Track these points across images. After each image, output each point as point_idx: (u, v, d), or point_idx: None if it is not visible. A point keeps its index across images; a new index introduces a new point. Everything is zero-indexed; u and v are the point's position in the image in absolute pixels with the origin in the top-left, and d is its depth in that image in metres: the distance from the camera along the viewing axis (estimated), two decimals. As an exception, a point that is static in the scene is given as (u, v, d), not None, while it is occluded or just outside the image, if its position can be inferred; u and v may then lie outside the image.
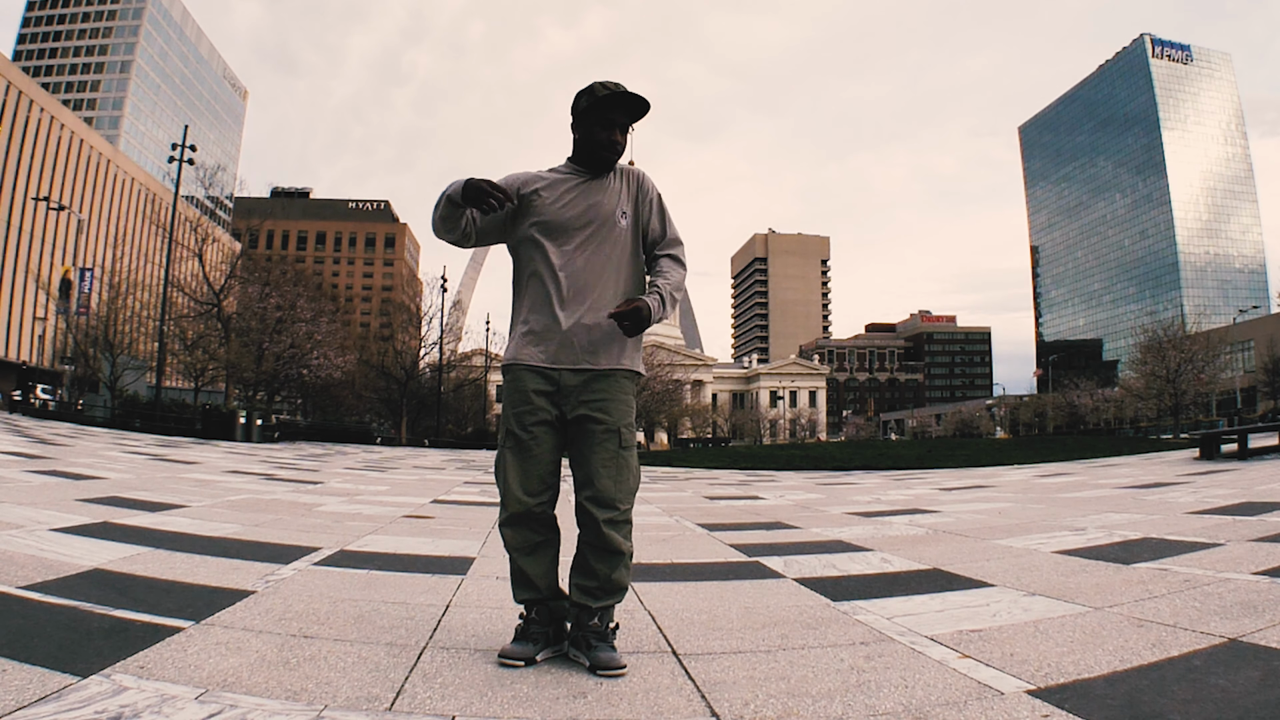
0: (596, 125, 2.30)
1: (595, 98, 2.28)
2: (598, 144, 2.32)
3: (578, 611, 2.28)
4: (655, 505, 8.24)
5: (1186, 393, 38.83)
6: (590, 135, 2.32)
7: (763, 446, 47.83)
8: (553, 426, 2.29)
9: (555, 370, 2.29)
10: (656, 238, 2.40)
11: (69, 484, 6.55)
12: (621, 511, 2.24)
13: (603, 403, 2.27)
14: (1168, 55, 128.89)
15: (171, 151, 29.43)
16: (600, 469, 2.24)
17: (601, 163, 2.34)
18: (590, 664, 2.19)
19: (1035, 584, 3.33)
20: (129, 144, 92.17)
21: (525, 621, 2.30)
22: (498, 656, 2.25)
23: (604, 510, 2.22)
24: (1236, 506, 5.81)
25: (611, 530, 2.22)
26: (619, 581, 2.26)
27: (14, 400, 33.25)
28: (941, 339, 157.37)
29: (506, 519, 2.29)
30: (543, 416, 2.28)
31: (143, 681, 1.89)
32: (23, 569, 3.00)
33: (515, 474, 2.26)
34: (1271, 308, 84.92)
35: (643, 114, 2.32)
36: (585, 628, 2.24)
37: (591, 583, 2.25)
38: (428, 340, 46.80)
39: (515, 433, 2.29)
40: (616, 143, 2.32)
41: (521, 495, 2.25)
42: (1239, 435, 12.12)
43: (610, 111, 2.29)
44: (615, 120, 2.30)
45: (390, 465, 15.99)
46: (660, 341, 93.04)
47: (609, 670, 2.14)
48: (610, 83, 2.31)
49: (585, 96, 2.31)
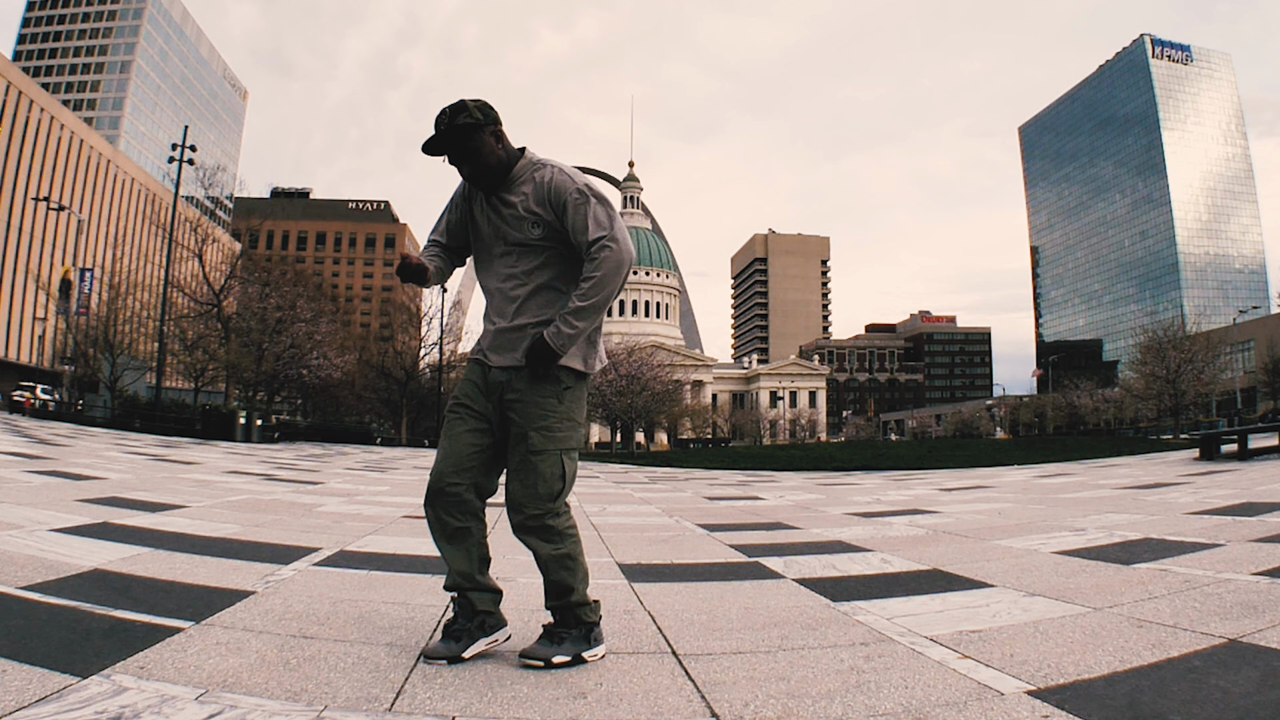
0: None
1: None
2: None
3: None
4: (655, 506, 8.24)
5: (1186, 393, 38.78)
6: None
7: (762, 447, 47.84)
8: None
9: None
10: (579, 240, 2.47)
11: (69, 484, 6.55)
12: (531, 516, 2.24)
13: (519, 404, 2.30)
14: (1168, 55, 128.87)
15: (171, 151, 29.44)
16: (511, 474, 2.29)
17: (481, 189, 2.33)
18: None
19: (1035, 584, 3.33)
20: (129, 144, 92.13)
21: (452, 616, 2.31)
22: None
23: (513, 513, 2.28)
24: (1236, 507, 5.81)
25: (522, 535, 2.28)
26: (562, 583, 2.27)
27: (14, 401, 33.23)
28: (941, 339, 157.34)
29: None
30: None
31: (143, 682, 1.89)
32: (23, 569, 3.00)
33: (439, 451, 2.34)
34: (1271, 308, 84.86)
35: (440, 151, 2.24)
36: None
37: (546, 586, 2.31)
38: (428, 340, 46.85)
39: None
40: (465, 174, 2.30)
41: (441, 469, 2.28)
42: (1239, 436, 12.12)
43: (433, 151, 2.26)
44: (445, 154, 2.26)
45: (390, 465, 15.99)
46: (660, 342, 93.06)
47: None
48: (439, 117, 2.22)
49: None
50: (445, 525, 2.27)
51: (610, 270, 2.18)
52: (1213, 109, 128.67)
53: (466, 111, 2.20)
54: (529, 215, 2.26)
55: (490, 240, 2.35)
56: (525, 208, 2.26)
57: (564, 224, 2.25)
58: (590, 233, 2.20)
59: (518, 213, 2.27)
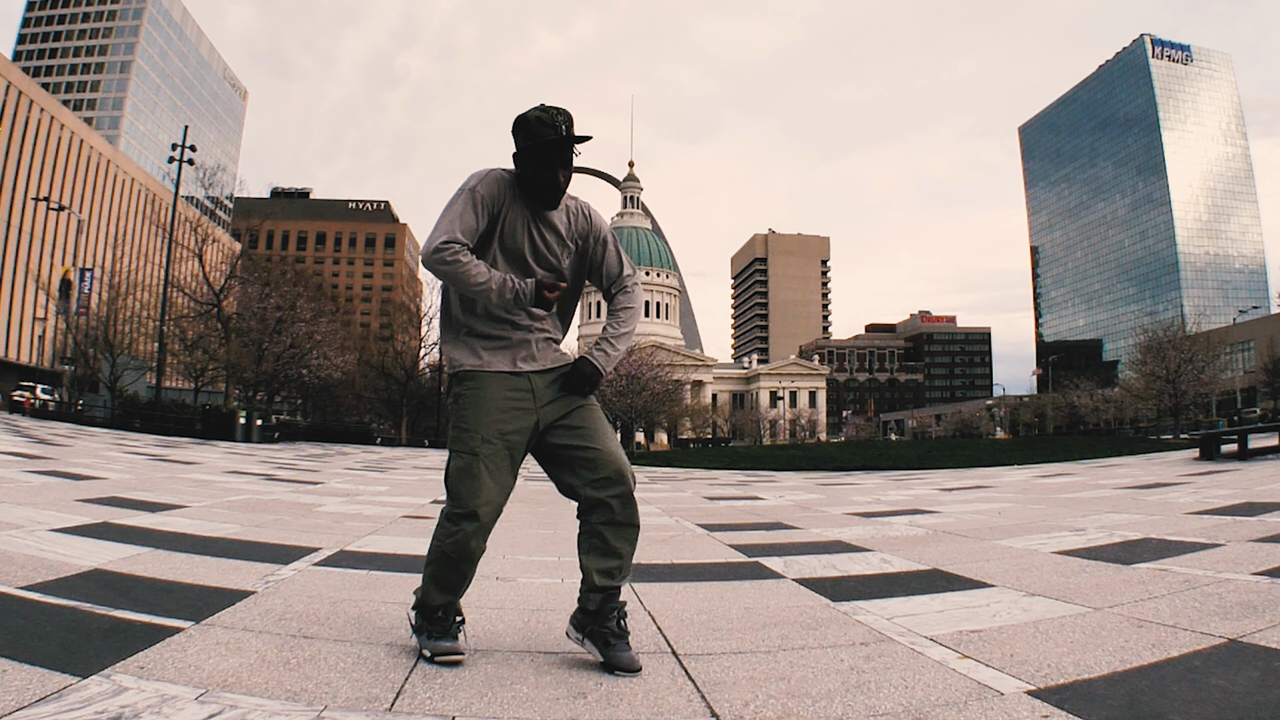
0: (541, 166, 2.15)
1: (536, 140, 2.11)
2: (542, 185, 2.19)
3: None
4: (655, 505, 8.24)
5: (1186, 393, 38.80)
6: (535, 175, 2.17)
7: (762, 447, 47.82)
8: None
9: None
10: (614, 275, 2.40)
11: (69, 484, 6.55)
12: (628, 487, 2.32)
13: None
14: (1168, 55, 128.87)
15: (171, 152, 29.44)
16: (600, 443, 2.35)
17: (544, 205, 2.24)
18: (606, 662, 2.18)
19: (1035, 584, 3.33)
20: (129, 144, 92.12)
21: (444, 619, 2.26)
22: (434, 656, 2.20)
23: (620, 485, 2.35)
24: (1236, 507, 5.81)
25: (628, 511, 2.34)
26: (627, 561, 2.33)
27: (14, 401, 33.23)
28: (941, 339, 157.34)
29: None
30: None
31: (143, 682, 1.89)
32: (23, 569, 3.00)
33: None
34: (1271, 308, 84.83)
35: (567, 151, 2.17)
36: (605, 624, 2.21)
37: (615, 566, 2.28)
38: (428, 340, 46.91)
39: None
40: (559, 184, 2.19)
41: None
42: (1239, 436, 12.12)
43: (554, 153, 2.14)
44: (558, 160, 2.15)
45: (390, 465, 15.99)
46: (660, 342, 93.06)
47: (628, 671, 2.14)
48: (552, 118, 2.12)
49: (523, 132, 2.13)
50: (475, 553, 2.23)
51: (640, 304, 2.42)
52: (1213, 109, 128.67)
53: (573, 124, 2.16)
54: (571, 243, 2.34)
55: (521, 259, 2.26)
56: (568, 234, 2.33)
57: (589, 258, 2.39)
58: (624, 269, 2.41)
59: (560, 237, 2.31)
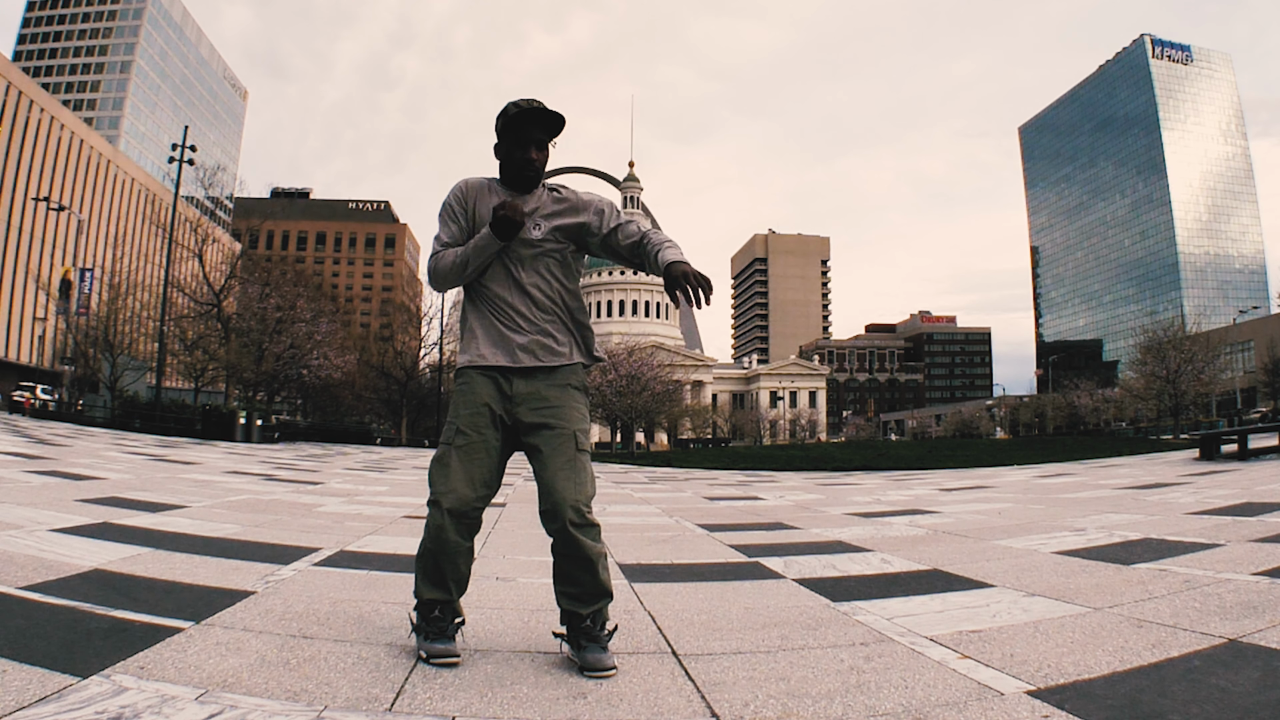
0: (514, 145, 2.33)
1: (508, 116, 2.31)
2: (516, 163, 2.35)
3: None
4: (655, 506, 8.24)
5: (1186, 393, 38.76)
6: (510, 155, 2.35)
7: (763, 447, 47.87)
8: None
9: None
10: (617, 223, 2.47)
11: (68, 484, 6.55)
12: (586, 514, 2.26)
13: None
14: (1168, 56, 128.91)
15: (171, 152, 29.44)
16: (557, 474, 2.29)
17: (525, 181, 2.37)
18: (580, 665, 2.19)
19: (1035, 584, 3.33)
20: (129, 144, 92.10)
21: (441, 620, 2.26)
22: (429, 658, 2.20)
23: (569, 513, 2.29)
24: (1236, 507, 5.81)
25: (578, 533, 2.26)
26: (605, 583, 2.27)
27: (14, 401, 33.23)
28: (941, 339, 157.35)
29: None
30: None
31: (143, 682, 1.89)
32: (23, 569, 3.00)
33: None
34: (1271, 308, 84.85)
35: (558, 130, 2.34)
36: (579, 627, 2.25)
37: (590, 587, 2.28)
38: (428, 340, 46.91)
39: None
40: (533, 160, 2.34)
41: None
42: (1239, 436, 12.12)
43: (526, 128, 2.30)
44: (531, 136, 2.31)
45: (390, 466, 16.00)
46: (660, 342, 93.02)
47: (596, 671, 2.14)
48: (524, 100, 2.33)
49: (500, 117, 2.34)
50: (462, 548, 2.27)
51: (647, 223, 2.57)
52: (1213, 109, 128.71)
53: (548, 110, 2.33)
54: (553, 219, 2.41)
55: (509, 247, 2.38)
56: (546, 213, 2.41)
57: (587, 228, 2.44)
58: (620, 215, 2.49)
59: (535, 210, 2.41)
